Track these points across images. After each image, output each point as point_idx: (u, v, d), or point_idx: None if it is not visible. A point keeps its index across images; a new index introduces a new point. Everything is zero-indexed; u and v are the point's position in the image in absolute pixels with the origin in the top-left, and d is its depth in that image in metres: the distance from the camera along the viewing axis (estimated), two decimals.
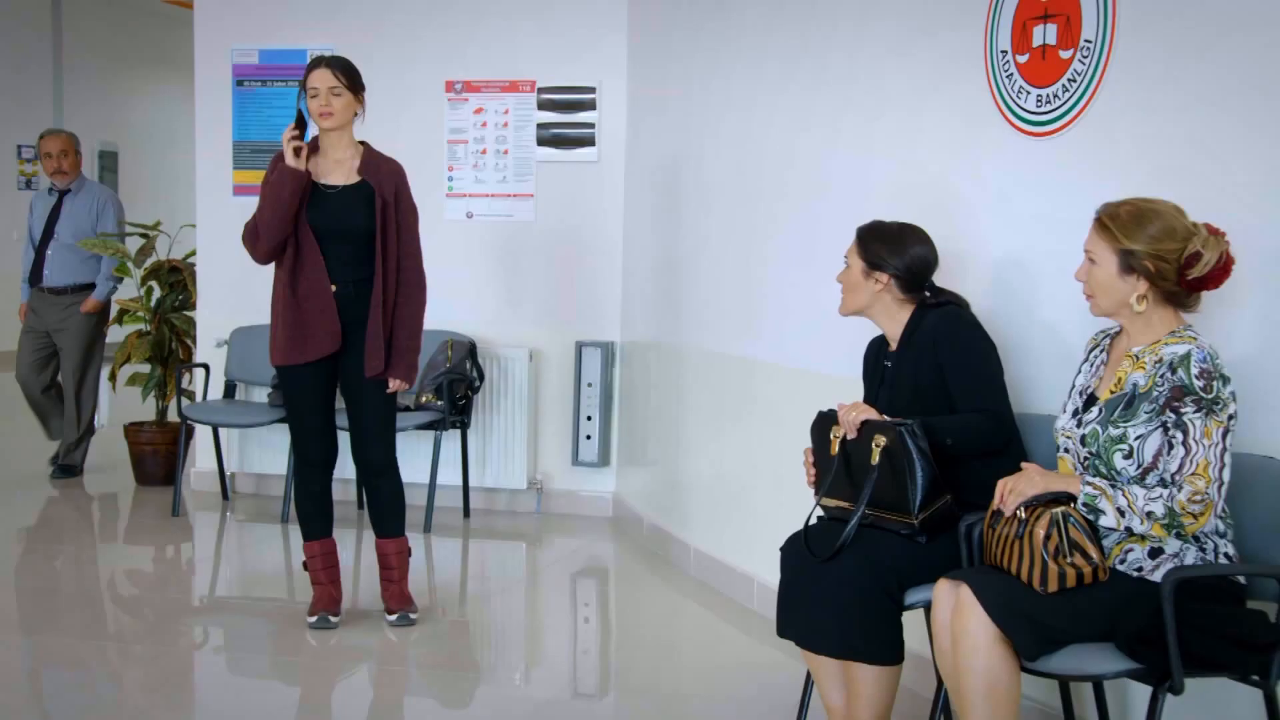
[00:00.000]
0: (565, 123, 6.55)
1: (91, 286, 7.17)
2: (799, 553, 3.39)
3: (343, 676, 4.34)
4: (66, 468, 7.27)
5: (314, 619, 4.62)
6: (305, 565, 4.72)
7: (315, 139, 4.57)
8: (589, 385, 6.53)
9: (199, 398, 6.90)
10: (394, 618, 4.64)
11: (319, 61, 4.52)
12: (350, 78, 4.51)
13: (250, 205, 6.94)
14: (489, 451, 6.62)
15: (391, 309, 4.52)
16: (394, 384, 4.54)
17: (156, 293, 7.07)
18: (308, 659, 4.46)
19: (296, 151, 4.41)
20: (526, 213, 6.62)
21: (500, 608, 5.26)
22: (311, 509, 4.69)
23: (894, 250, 3.54)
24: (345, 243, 4.48)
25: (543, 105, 6.56)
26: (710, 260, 5.45)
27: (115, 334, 7.40)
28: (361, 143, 4.59)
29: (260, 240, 4.49)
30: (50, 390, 7.31)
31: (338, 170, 4.53)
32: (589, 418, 6.55)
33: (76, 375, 7.19)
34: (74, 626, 4.76)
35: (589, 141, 6.54)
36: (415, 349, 4.61)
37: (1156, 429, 2.85)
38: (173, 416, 6.92)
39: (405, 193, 4.59)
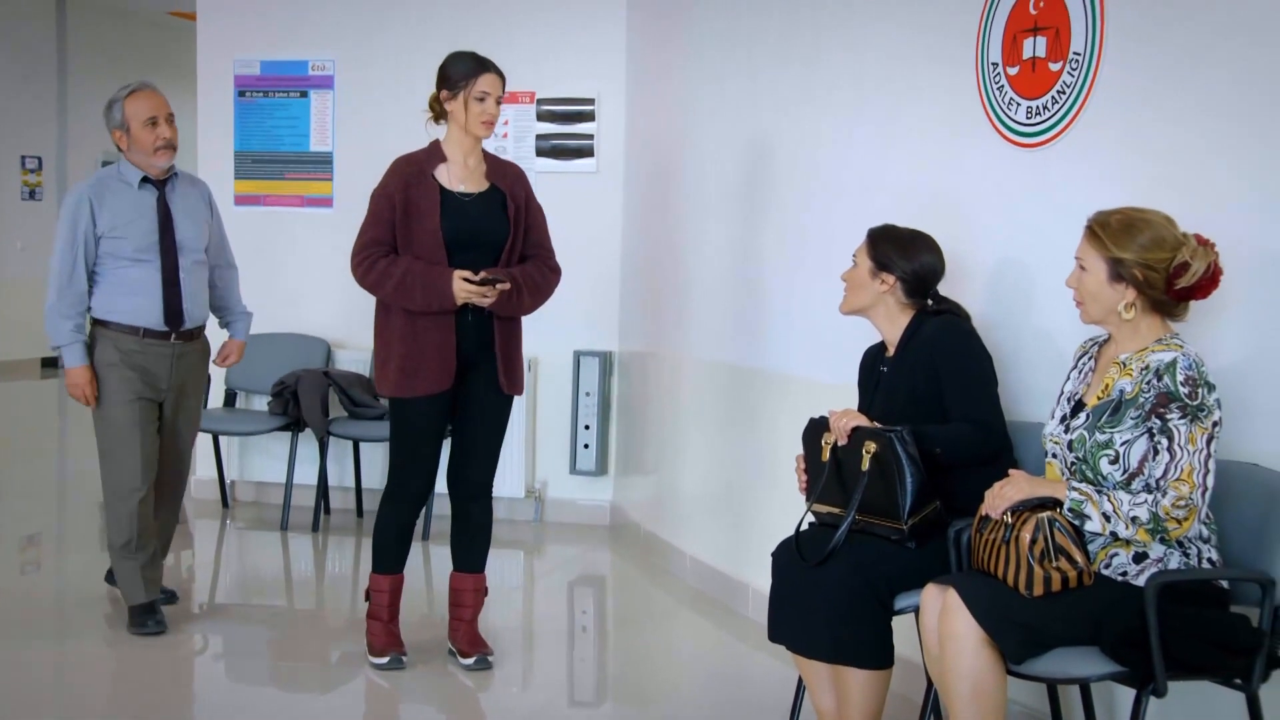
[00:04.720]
0: (564, 134, 6.60)
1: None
2: (790, 558, 3.42)
3: (341, 683, 4.37)
4: (170, 591, 5.00)
5: (384, 660, 4.30)
6: (368, 596, 4.40)
7: (437, 143, 4.29)
8: (587, 395, 6.57)
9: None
10: (471, 661, 4.34)
11: (487, 65, 4.23)
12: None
13: (255, 217, 6.98)
14: None
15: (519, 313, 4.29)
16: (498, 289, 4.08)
17: None
18: (307, 665, 4.50)
19: (464, 299, 4.09)
20: None
21: (497, 615, 5.29)
22: (396, 543, 4.36)
23: (904, 254, 3.57)
24: (477, 253, 4.14)
25: (542, 116, 6.61)
26: (705, 269, 5.49)
27: None
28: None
29: (393, 303, 4.15)
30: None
31: (469, 177, 4.24)
32: (587, 427, 6.58)
33: (191, 450, 5.08)
34: (74, 631, 4.80)
35: (588, 153, 6.59)
36: (536, 292, 4.26)
37: (1142, 435, 2.89)
38: None
39: (532, 194, 4.34)
